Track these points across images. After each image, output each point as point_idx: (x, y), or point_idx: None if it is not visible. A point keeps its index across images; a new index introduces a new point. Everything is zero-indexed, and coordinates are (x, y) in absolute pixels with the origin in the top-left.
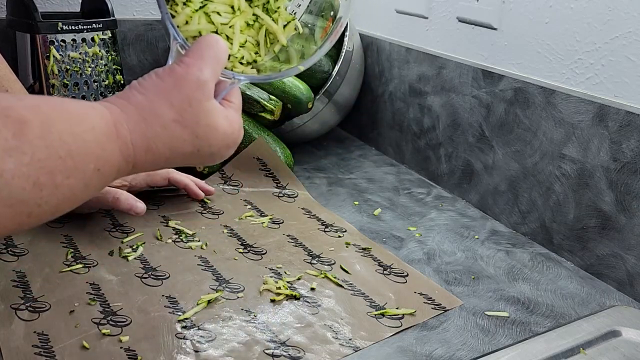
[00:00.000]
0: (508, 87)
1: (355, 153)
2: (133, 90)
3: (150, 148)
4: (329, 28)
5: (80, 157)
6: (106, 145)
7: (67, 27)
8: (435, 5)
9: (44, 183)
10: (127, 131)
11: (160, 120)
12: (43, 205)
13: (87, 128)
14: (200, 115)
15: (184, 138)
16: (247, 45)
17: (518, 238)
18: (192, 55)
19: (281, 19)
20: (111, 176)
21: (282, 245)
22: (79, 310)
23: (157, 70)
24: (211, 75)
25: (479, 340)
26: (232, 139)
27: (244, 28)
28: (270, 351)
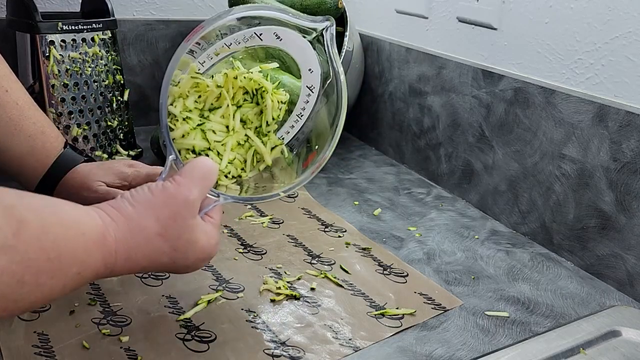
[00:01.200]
0: (508, 87)
1: (355, 153)
2: (125, 201)
3: (130, 257)
4: (312, 159)
5: (66, 260)
6: (92, 252)
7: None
8: (435, 5)
9: (28, 281)
10: (114, 240)
11: (144, 232)
12: (19, 302)
13: (78, 233)
14: (183, 231)
15: (163, 250)
16: (235, 161)
17: (518, 238)
18: (185, 175)
19: (270, 142)
20: (88, 279)
21: (282, 245)
22: (79, 310)
23: (150, 185)
24: (199, 195)
25: (479, 340)
26: (208, 252)
27: (235, 146)
28: (270, 351)
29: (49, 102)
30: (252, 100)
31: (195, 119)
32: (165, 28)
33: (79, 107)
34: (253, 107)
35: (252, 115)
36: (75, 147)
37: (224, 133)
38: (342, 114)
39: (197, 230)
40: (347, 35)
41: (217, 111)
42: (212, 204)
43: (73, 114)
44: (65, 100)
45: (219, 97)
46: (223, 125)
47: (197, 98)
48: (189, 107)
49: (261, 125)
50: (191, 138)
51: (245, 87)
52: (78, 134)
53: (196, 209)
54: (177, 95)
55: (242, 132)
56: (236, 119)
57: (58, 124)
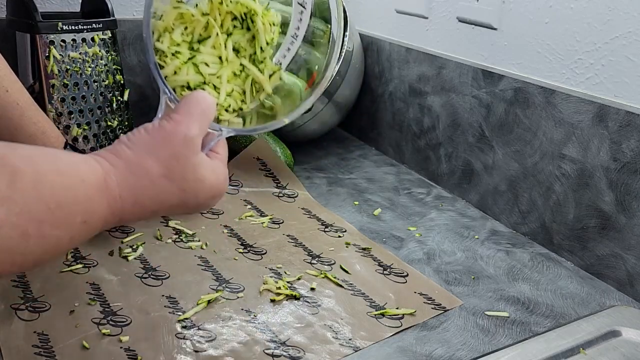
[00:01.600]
0: (508, 87)
1: (355, 153)
2: (122, 145)
3: (137, 201)
4: (314, 80)
5: (69, 209)
6: (95, 199)
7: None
8: (435, 5)
9: (31, 233)
10: (116, 185)
11: (148, 175)
12: (27, 255)
13: (77, 181)
14: (188, 170)
15: (171, 192)
16: (233, 94)
17: (518, 238)
18: (181, 111)
19: (267, 69)
20: (97, 228)
21: (282, 245)
22: (79, 310)
23: (146, 126)
24: (198, 131)
25: (479, 340)
26: (218, 189)
27: (231, 78)
28: (270, 351)
29: (49, 102)
30: (242, 26)
31: (185, 52)
32: None
33: (79, 107)
34: (244, 33)
35: (245, 42)
36: (75, 147)
37: (217, 65)
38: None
39: (202, 168)
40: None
41: (206, 42)
42: (215, 139)
43: (73, 114)
44: (65, 100)
45: (206, 27)
46: (215, 57)
47: (183, 30)
48: (176, 41)
49: (255, 51)
50: (184, 73)
51: (233, 12)
52: (78, 134)
53: (198, 146)
54: (162, 29)
55: (236, 62)
56: (228, 48)
57: (58, 124)
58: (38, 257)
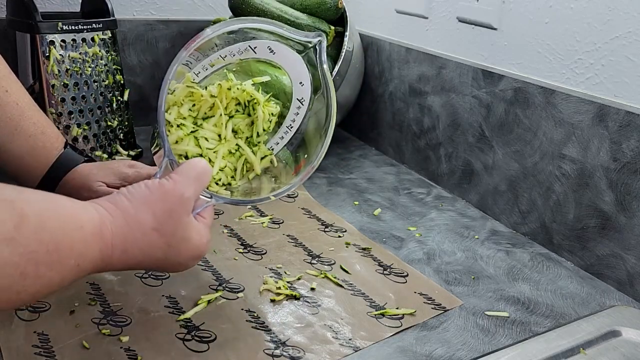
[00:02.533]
0: (508, 87)
1: (355, 153)
2: (122, 196)
3: (126, 250)
4: (301, 168)
5: (65, 252)
6: (90, 244)
7: (67, 27)
8: (435, 5)
9: (29, 273)
10: (111, 233)
11: (140, 227)
12: (22, 294)
13: (76, 226)
14: (178, 228)
15: (158, 246)
16: (225, 169)
17: (518, 238)
18: (181, 173)
19: (260, 152)
20: (86, 271)
21: (282, 245)
22: (79, 310)
23: (147, 182)
24: (193, 193)
25: (479, 340)
26: (200, 251)
27: (226, 155)
28: (270, 351)
29: (49, 102)
30: (243, 112)
31: (189, 125)
32: (165, 28)
33: (79, 107)
34: (244, 117)
35: (244, 126)
36: (75, 147)
37: (216, 141)
38: (331, 126)
39: (190, 228)
40: (347, 35)
41: (210, 120)
42: (204, 205)
43: (73, 114)
44: (65, 100)
45: (212, 107)
46: (215, 134)
47: (191, 107)
48: (183, 115)
49: (252, 135)
50: (184, 144)
51: (237, 98)
52: (78, 134)
53: (190, 206)
54: (172, 103)
55: (233, 141)
56: (228, 128)
57: (58, 124)
58: (30, 296)
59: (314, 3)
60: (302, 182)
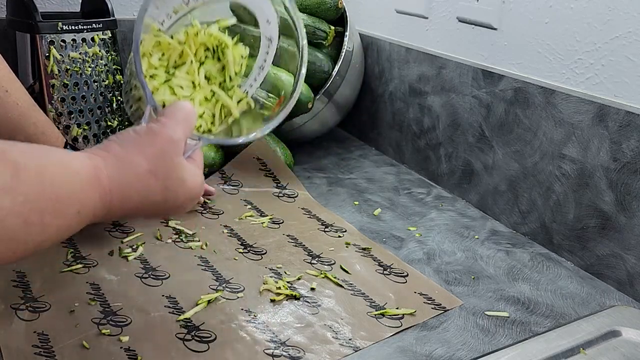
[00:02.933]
0: (508, 87)
1: (355, 153)
2: (112, 142)
3: (124, 195)
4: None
5: (66, 199)
6: (88, 191)
7: (67, 27)
8: (435, 5)
9: (34, 222)
10: (107, 178)
11: (135, 170)
12: (29, 243)
13: (73, 172)
14: (171, 169)
15: (155, 188)
16: (204, 116)
17: (518, 238)
18: (168, 116)
19: (235, 95)
20: (88, 219)
21: (282, 245)
22: (79, 310)
23: (135, 128)
24: (182, 134)
25: (479, 340)
26: (196, 192)
27: (203, 102)
28: (270, 351)
29: (49, 102)
30: (213, 57)
31: (162, 75)
32: None
33: (79, 107)
34: (215, 63)
35: (215, 71)
36: (75, 147)
37: (190, 89)
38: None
39: (184, 169)
40: (347, 35)
41: (181, 68)
42: (192, 147)
43: (73, 114)
44: (65, 100)
45: (181, 55)
46: (189, 81)
47: (160, 56)
48: (154, 65)
49: (225, 80)
50: (160, 94)
51: (206, 44)
52: (78, 134)
53: (181, 148)
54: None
55: (207, 88)
56: (201, 75)
57: (58, 124)
58: (37, 245)
59: (314, 3)
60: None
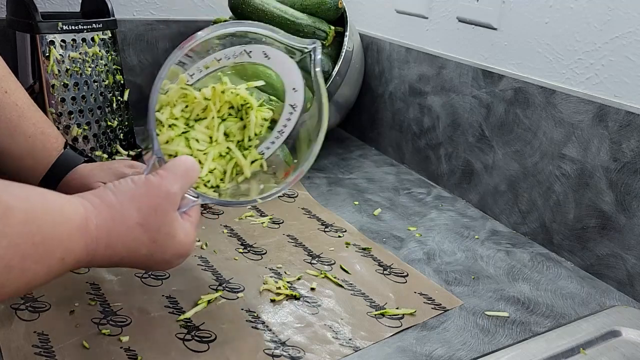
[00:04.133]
0: (508, 87)
1: (355, 153)
2: (108, 191)
3: (110, 245)
4: (290, 173)
5: (51, 245)
6: (75, 238)
7: (67, 27)
8: (435, 5)
9: (14, 266)
10: (95, 227)
11: (125, 221)
12: (6, 286)
13: (63, 220)
14: (163, 223)
15: (142, 241)
16: (215, 172)
17: (518, 238)
18: (168, 169)
19: (250, 156)
20: (70, 266)
21: (282, 245)
22: (79, 310)
23: (134, 177)
24: (180, 190)
25: (479, 340)
26: (185, 249)
27: (216, 157)
28: (270, 351)
29: (49, 102)
30: (236, 115)
31: (181, 126)
32: (165, 28)
33: (79, 107)
34: (237, 121)
35: (236, 129)
36: (75, 147)
37: (206, 143)
38: (321, 132)
39: (176, 225)
40: (347, 35)
41: (202, 122)
42: (191, 204)
43: (73, 114)
44: (65, 100)
45: (205, 109)
46: (207, 136)
47: (184, 108)
48: (175, 115)
49: (243, 139)
50: (175, 144)
51: (231, 102)
52: (78, 134)
53: (176, 203)
54: (165, 103)
55: (224, 144)
56: (220, 131)
57: (58, 124)
58: (14, 290)
59: (314, 3)
60: (290, 186)
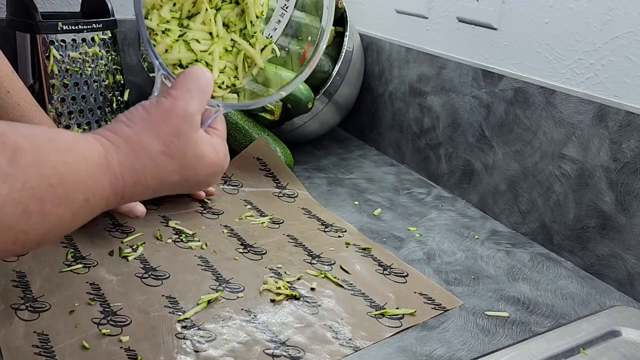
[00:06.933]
0: (508, 87)
1: (355, 153)
2: (121, 123)
3: (138, 180)
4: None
5: (71, 186)
6: (97, 177)
7: (67, 27)
8: (435, 5)
9: (33, 210)
10: (117, 163)
11: (148, 152)
12: (29, 233)
13: (79, 158)
14: (188, 147)
15: (171, 169)
16: (226, 70)
17: (518, 238)
18: (179, 88)
19: (258, 43)
20: (99, 207)
21: (282, 245)
22: (79, 310)
23: (144, 103)
24: (198, 107)
25: (479, 340)
26: (219, 166)
27: (223, 54)
28: (270, 351)
29: (49, 102)
30: (230, 0)
31: (175, 29)
32: None
33: (79, 107)
34: (233, 7)
35: (234, 17)
36: None
37: (208, 41)
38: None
39: (202, 144)
40: (347, 35)
41: (196, 17)
42: (213, 115)
43: (73, 114)
44: (65, 100)
45: (195, 2)
46: (206, 33)
47: (172, 7)
48: (165, 18)
49: (245, 26)
50: (175, 51)
51: None
52: None
53: (197, 122)
54: (150, 6)
55: (227, 37)
56: (218, 24)
57: (58, 124)
58: (40, 235)
59: (313, 2)
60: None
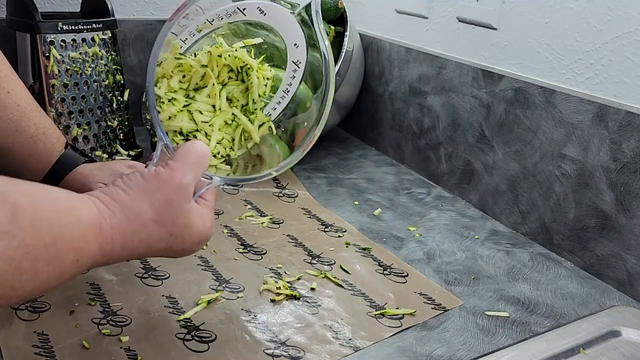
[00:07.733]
0: (508, 87)
1: (355, 153)
2: (118, 188)
3: (126, 244)
4: (299, 138)
5: (63, 246)
6: (88, 239)
7: (67, 27)
8: (435, 5)
9: (25, 268)
10: (109, 227)
11: (140, 219)
12: (18, 289)
13: (74, 220)
14: (178, 216)
15: (159, 236)
16: (223, 141)
17: (518, 238)
18: (178, 159)
19: (257, 119)
20: (85, 267)
21: (282, 245)
22: (79, 310)
23: (143, 171)
24: (192, 179)
25: (479, 340)
26: (204, 235)
27: (222, 126)
28: (270, 351)
29: (49, 102)
30: (237, 78)
31: (181, 99)
32: None
33: (79, 107)
34: (238, 84)
35: (238, 93)
36: (76, 147)
37: (210, 113)
38: (330, 89)
39: (192, 215)
40: (347, 35)
41: (202, 90)
42: (205, 187)
43: (73, 114)
44: (65, 100)
45: (203, 76)
46: (209, 105)
47: (181, 78)
48: (173, 88)
49: (247, 103)
50: (178, 120)
51: (230, 65)
52: (78, 134)
53: (190, 193)
54: (161, 75)
55: (228, 111)
56: (222, 98)
57: (58, 124)
58: (27, 292)
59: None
60: (305, 153)
